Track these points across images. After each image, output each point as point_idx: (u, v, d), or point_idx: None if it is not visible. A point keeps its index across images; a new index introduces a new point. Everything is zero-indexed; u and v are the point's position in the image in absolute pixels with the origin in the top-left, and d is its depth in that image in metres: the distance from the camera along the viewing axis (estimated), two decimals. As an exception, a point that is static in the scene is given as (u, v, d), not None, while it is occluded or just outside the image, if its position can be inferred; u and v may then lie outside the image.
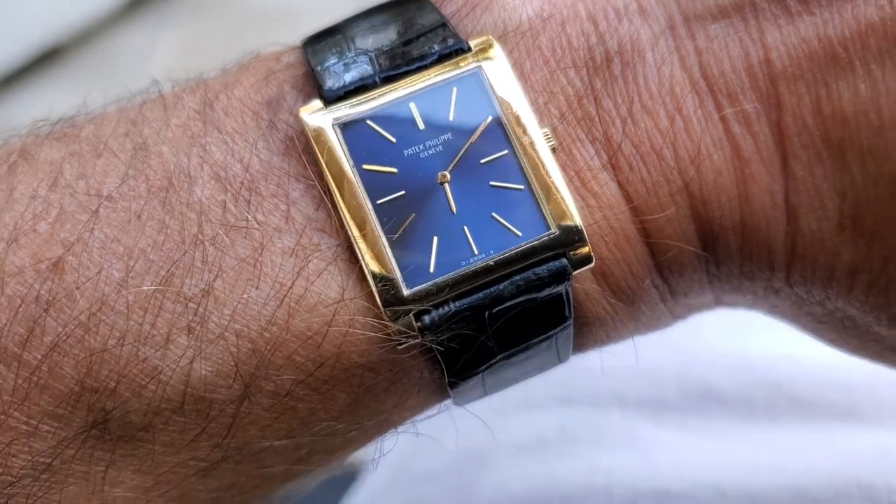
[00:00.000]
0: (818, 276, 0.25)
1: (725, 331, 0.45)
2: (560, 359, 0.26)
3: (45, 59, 1.59)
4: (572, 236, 0.24)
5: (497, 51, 0.25)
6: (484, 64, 0.25)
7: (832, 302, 0.26)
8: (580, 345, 0.27)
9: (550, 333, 0.25)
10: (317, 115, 0.24)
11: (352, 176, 0.24)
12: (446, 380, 0.24)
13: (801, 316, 0.28)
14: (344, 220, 0.24)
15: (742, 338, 0.45)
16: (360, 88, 0.25)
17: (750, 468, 0.39)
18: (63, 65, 1.61)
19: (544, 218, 0.24)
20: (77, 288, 0.23)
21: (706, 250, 0.26)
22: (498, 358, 0.25)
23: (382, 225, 0.24)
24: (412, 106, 0.25)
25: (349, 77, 0.25)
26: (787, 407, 0.41)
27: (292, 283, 0.23)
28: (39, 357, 0.22)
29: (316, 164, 0.24)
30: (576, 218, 0.24)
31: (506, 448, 0.44)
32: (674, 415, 0.43)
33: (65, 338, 0.22)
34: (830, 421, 0.41)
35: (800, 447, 0.40)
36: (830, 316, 0.27)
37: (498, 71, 0.25)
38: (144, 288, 0.23)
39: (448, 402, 0.27)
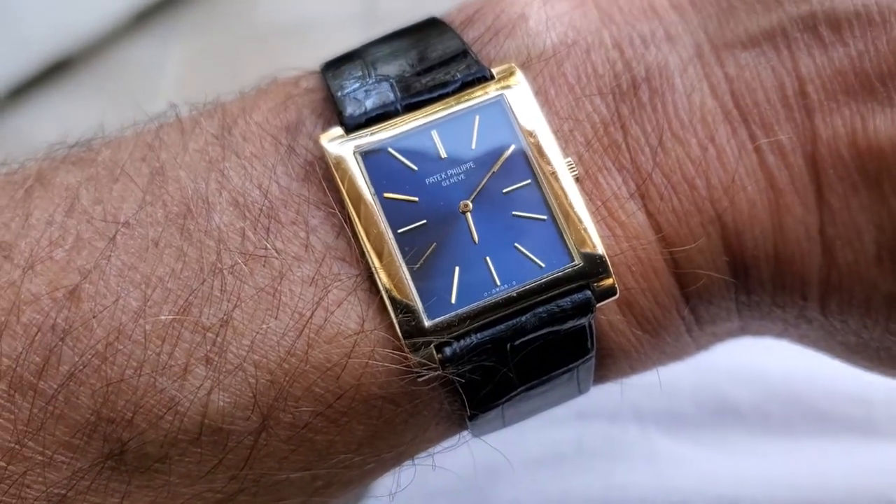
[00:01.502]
0: (855, 306, 0.25)
1: (742, 344, 0.44)
2: (580, 390, 0.26)
3: (55, 71, 1.59)
4: (596, 268, 0.23)
5: (520, 78, 0.25)
6: (507, 92, 0.25)
7: (869, 332, 0.26)
8: (602, 376, 0.26)
9: (572, 366, 0.24)
10: (337, 142, 0.24)
11: (372, 204, 0.24)
12: (467, 412, 0.24)
13: (834, 345, 0.27)
14: (364, 249, 0.23)
15: (758, 350, 0.44)
16: (381, 116, 0.24)
17: (767, 482, 0.38)
18: (72, 77, 1.61)
19: (568, 249, 0.24)
20: (94, 317, 0.22)
21: (736, 279, 0.25)
22: (519, 390, 0.24)
23: (403, 254, 0.23)
24: (434, 134, 0.24)
25: (370, 104, 0.25)
26: (804, 421, 0.41)
27: (312, 314, 0.23)
28: (55, 386, 0.22)
29: (336, 191, 0.24)
30: (599, 249, 0.23)
31: (522, 463, 0.43)
32: (690, 429, 0.42)
33: (81, 367, 0.22)
34: (849, 435, 0.40)
35: (817, 461, 0.39)
36: (865, 346, 0.26)
37: (521, 99, 0.24)
38: (162, 317, 0.22)
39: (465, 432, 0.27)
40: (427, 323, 0.23)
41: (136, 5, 1.67)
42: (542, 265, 0.24)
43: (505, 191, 0.24)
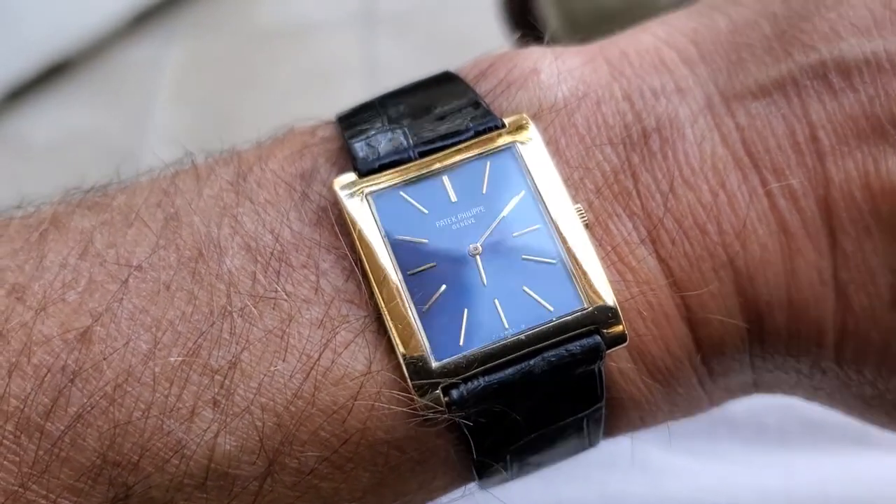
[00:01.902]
0: (871, 352, 0.25)
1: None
2: (590, 443, 0.26)
3: (53, 73, 1.59)
4: (606, 313, 0.23)
5: (531, 128, 0.25)
6: (518, 140, 0.25)
7: (885, 381, 0.26)
8: (612, 428, 0.26)
9: (581, 414, 0.24)
10: (350, 187, 0.24)
11: (383, 247, 0.24)
12: (473, 458, 0.24)
13: (849, 398, 0.27)
14: (373, 290, 0.23)
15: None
16: (394, 162, 0.25)
17: (762, 494, 0.38)
18: (70, 79, 1.61)
19: (577, 293, 0.24)
20: (104, 359, 0.22)
21: (750, 326, 0.25)
22: (527, 437, 0.24)
23: (412, 296, 0.23)
24: (445, 179, 0.25)
25: (384, 150, 0.25)
26: (799, 431, 0.41)
27: (319, 356, 0.23)
28: (62, 428, 0.22)
29: (347, 234, 0.24)
30: (609, 294, 0.23)
31: None
32: (685, 438, 0.42)
33: (89, 409, 0.22)
34: (844, 446, 0.40)
35: (813, 472, 0.39)
36: (881, 398, 0.26)
37: (532, 147, 0.25)
38: (171, 360, 0.22)
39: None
40: (434, 365, 0.23)
41: (136, 7, 1.67)
42: (551, 308, 0.23)
43: (515, 234, 0.24)
